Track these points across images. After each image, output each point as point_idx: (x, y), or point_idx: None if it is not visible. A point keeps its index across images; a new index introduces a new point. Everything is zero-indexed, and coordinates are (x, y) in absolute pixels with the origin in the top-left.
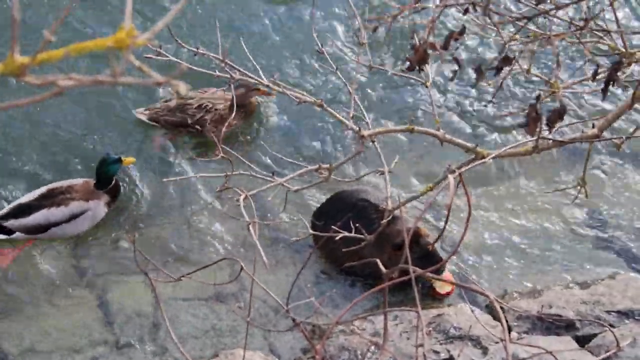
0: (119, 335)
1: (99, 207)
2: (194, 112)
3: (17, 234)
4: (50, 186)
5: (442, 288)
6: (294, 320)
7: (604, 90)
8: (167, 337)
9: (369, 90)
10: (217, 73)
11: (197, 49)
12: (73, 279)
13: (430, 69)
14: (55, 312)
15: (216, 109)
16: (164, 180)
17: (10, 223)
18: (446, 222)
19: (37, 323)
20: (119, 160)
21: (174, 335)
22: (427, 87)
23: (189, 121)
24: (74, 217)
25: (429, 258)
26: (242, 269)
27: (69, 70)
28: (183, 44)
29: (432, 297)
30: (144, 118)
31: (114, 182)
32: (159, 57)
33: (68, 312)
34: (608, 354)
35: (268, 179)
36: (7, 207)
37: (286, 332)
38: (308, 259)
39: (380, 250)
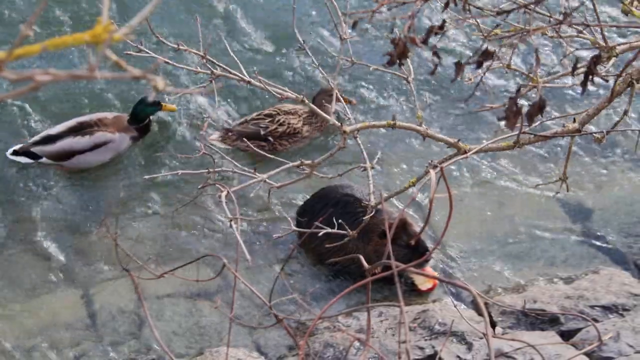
0: (102, 333)
1: (123, 140)
2: (266, 124)
3: (44, 160)
4: (80, 119)
5: (423, 284)
6: (276, 316)
7: (583, 84)
8: (151, 334)
9: (351, 86)
10: (198, 69)
11: (178, 45)
12: (55, 277)
13: (412, 63)
14: (38, 310)
15: (289, 123)
16: (146, 177)
17: (38, 149)
18: (428, 217)
19: (20, 322)
20: (157, 104)
21: (156, 333)
22: (408, 82)
23: (262, 132)
24: (97, 146)
25: (416, 248)
26: (224, 265)
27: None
28: (164, 40)
29: (416, 293)
30: (217, 143)
31: (147, 121)
32: (140, 54)
33: (51, 311)
34: (590, 347)
35: (250, 175)
36: (37, 137)
37: (272, 329)
38: (290, 256)
39: (366, 242)
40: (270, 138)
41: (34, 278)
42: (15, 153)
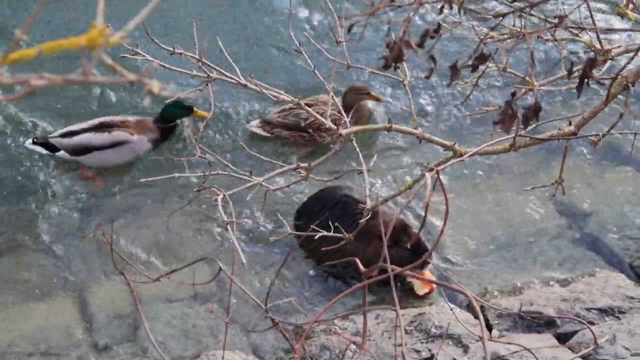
0: (98, 336)
1: (141, 142)
2: (307, 116)
3: (62, 153)
4: (103, 118)
5: (420, 289)
6: (272, 320)
7: (579, 88)
8: (147, 338)
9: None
10: (194, 72)
11: (174, 48)
12: (52, 280)
13: (408, 67)
14: (34, 313)
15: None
16: (142, 180)
17: (57, 140)
18: (424, 219)
19: (16, 325)
20: (189, 109)
21: (151, 337)
22: (404, 85)
23: (302, 124)
24: (115, 144)
25: (417, 250)
26: (220, 269)
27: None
28: (160, 44)
29: (413, 295)
30: (257, 130)
31: (172, 124)
32: (135, 56)
33: (47, 314)
34: (586, 351)
35: (246, 178)
36: (58, 131)
37: (268, 332)
38: (286, 259)
39: (366, 243)
40: (310, 130)
41: (29, 281)
42: (34, 143)
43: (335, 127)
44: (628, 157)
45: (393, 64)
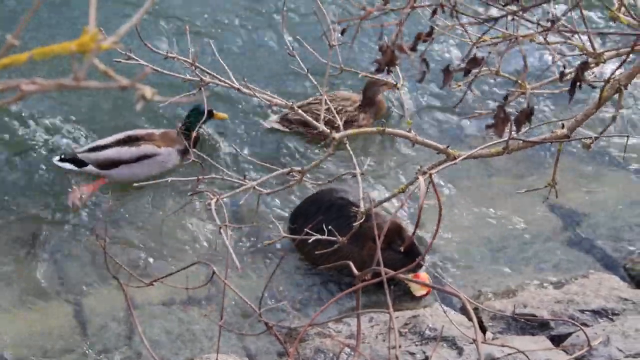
0: (93, 340)
1: (170, 155)
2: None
3: (90, 167)
4: (129, 132)
5: (417, 291)
6: (266, 323)
7: (571, 91)
8: (141, 342)
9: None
10: (187, 77)
11: (167, 53)
12: (46, 285)
13: (401, 70)
14: (28, 318)
15: (346, 111)
16: (135, 184)
17: (84, 155)
18: (417, 222)
19: (10, 329)
20: (209, 113)
21: (146, 341)
22: (397, 89)
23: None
24: (142, 158)
25: (411, 252)
26: (213, 273)
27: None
28: (153, 48)
29: (407, 298)
30: (276, 126)
31: (195, 134)
32: (129, 61)
33: (41, 318)
34: (579, 353)
35: (240, 182)
36: (85, 146)
37: (262, 336)
38: (280, 262)
39: (360, 246)
40: (327, 127)
41: (23, 286)
42: (62, 160)
43: (328, 131)
44: (621, 160)
45: (386, 68)
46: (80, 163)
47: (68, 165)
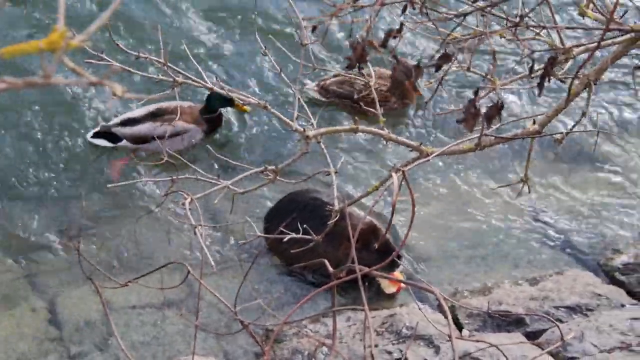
0: (69, 344)
1: (197, 132)
2: (361, 87)
3: (124, 142)
4: (159, 104)
5: (388, 288)
6: (242, 322)
7: (540, 86)
8: (118, 345)
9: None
10: (159, 77)
11: (139, 52)
12: (21, 289)
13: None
14: (2, 323)
15: (382, 90)
16: (109, 185)
17: (119, 130)
18: (390, 220)
19: None
20: (231, 101)
21: (122, 344)
22: (370, 85)
23: (355, 96)
24: (174, 134)
25: (386, 251)
26: (188, 272)
27: None
28: (124, 48)
29: (384, 297)
30: (313, 94)
31: (217, 115)
32: (100, 62)
33: (16, 323)
34: (553, 347)
35: (213, 181)
36: (116, 119)
37: (239, 336)
38: (254, 261)
39: (336, 246)
40: (361, 103)
41: None
42: (95, 135)
43: (301, 130)
44: (592, 155)
45: (357, 64)
46: (113, 138)
47: (102, 142)
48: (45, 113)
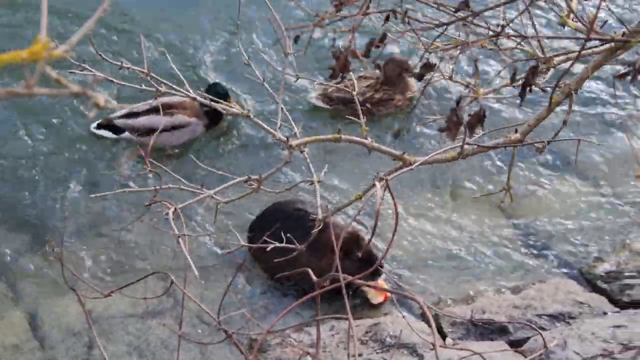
0: (51, 355)
1: (198, 126)
2: (364, 90)
3: (125, 134)
4: (162, 99)
5: (374, 298)
6: (225, 331)
7: (522, 95)
8: (101, 355)
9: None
10: (143, 87)
11: (122, 63)
12: (2, 299)
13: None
14: None
15: (385, 90)
16: (92, 196)
17: (121, 121)
18: (374, 229)
19: None
20: (224, 96)
21: (105, 354)
22: (353, 95)
23: (360, 99)
24: (176, 127)
25: (369, 260)
26: (172, 282)
27: None
28: (106, 58)
29: (368, 306)
30: (316, 102)
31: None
32: (83, 72)
33: None
34: (536, 354)
35: (197, 191)
36: (120, 111)
37: (223, 346)
38: (238, 271)
39: (319, 256)
40: (368, 104)
41: None
42: (98, 126)
43: (284, 139)
44: (574, 164)
45: (340, 74)
46: (116, 129)
47: (105, 133)
48: (23, 119)
